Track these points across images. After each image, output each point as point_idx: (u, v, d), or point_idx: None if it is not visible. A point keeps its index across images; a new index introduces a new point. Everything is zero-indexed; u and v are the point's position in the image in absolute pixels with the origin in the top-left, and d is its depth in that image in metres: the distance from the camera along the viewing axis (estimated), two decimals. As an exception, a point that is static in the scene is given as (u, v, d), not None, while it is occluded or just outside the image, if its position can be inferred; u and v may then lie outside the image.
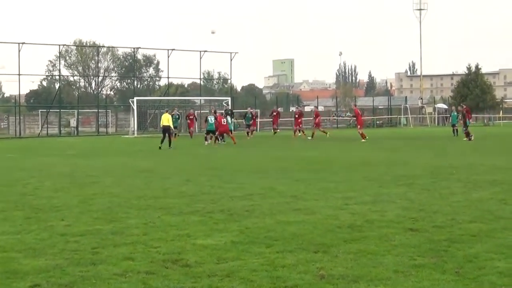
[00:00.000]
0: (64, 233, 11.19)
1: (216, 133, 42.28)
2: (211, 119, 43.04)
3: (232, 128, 46.33)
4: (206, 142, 42.42)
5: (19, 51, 65.27)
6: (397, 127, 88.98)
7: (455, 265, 8.70)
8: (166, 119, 38.70)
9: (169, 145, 37.76)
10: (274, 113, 55.65)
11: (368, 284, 7.90)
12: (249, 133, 51.77)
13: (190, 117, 56.70)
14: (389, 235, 10.72)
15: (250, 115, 53.07)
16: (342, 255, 9.32)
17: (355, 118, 47.56)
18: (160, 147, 37.24)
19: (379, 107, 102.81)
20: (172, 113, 45.12)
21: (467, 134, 44.32)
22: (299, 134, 50.43)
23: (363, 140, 42.54)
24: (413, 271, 8.41)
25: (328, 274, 8.31)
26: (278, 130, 55.62)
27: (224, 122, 41.48)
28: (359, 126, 45.44)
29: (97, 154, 31.62)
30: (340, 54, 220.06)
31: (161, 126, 40.31)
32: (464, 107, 48.63)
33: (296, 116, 52.06)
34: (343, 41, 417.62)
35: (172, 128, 39.91)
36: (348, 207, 13.81)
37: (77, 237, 10.85)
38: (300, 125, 51.09)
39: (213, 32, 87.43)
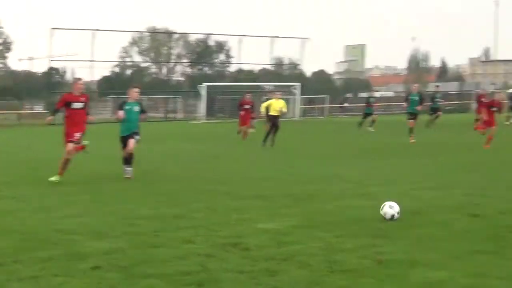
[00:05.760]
0: (127, 217, 11.34)
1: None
2: None
3: None
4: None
5: (92, 38, 66.07)
6: (467, 113, 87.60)
7: (515, 251, 8.60)
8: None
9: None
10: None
11: (425, 269, 7.86)
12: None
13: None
14: (450, 221, 10.63)
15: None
16: (401, 241, 9.27)
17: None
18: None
19: (450, 92, 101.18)
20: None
21: None
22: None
23: None
24: (472, 257, 8.34)
25: (386, 259, 8.29)
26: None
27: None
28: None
29: (163, 139, 31.76)
30: (413, 39, 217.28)
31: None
32: None
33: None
34: (415, 27, 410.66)
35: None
36: (411, 193, 13.72)
37: (140, 220, 10.99)
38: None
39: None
